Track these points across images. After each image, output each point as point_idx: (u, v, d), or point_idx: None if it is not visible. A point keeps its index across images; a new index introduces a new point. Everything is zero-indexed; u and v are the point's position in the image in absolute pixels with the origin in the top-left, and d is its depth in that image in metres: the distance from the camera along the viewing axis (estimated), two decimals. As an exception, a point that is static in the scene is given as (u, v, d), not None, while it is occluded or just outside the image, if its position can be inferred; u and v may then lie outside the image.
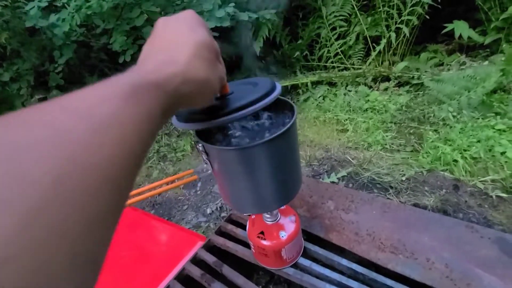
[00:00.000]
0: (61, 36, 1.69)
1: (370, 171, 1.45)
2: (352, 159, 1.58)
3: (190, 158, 1.91)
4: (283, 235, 0.65)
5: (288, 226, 0.67)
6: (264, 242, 0.65)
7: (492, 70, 1.76)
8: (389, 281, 0.61)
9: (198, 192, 1.65)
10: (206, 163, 0.53)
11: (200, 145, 0.49)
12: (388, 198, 1.28)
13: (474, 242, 0.63)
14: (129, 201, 0.46)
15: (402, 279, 0.61)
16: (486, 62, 1.99)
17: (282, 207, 0.72)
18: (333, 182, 1.45)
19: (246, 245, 0.75)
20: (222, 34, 2.09)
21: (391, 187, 1.34)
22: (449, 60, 2.25)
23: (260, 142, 0.44)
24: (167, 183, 0.50)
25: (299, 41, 2.56)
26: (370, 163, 1.51)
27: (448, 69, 2.12)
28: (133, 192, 0.47)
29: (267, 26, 2.24)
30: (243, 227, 0.82)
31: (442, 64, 2.25)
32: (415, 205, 1.21)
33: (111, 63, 2.41)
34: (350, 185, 1.43)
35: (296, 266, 0.70)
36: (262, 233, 0.66)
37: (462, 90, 1.76)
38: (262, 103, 0.41)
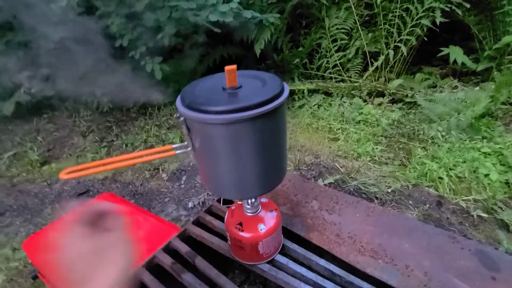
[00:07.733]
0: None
1: (357, 180, 1.44)
2: (341, 167, 1.57)
3: (177, 151, 1.87)
4: (262, 228, 0.62)
5: (268, 220, 0.64)
6: (242, 234, 0.62)
7: (482, 96, 1.81)
8: (366, 285, 0.58)
9: (182, 186, 1.60)
10: (186, 139, 0.50)
11: (182, 118, 0.47)
12: (372, 208, 1.26)
13: (455, 253, 0.62)
14: (94, 170, 0.44)
15: (380, 284, 0.59)
16: (477, 88, 2.04)
17: (264, 200, 0.69)
18: (319, 188, 1.43)
19: (224, 238, 0.72)
20: (224, 32, 2.07)
21: (376, 198, 1.33)
22: (442, 83, 2.31)
23: (248, 116, 0.42)
24: (141, 156, 0.47)
25: (300, 49, 2.58)
26: (358, 173, 1.51)
27: (441, 91, 2.17)
28: (102, 161, 0.44)
29: (270, 29, 2.25)
30: (222, 219, 0.78)
31: (435, 86, 2.30)
32: (398, 217, 1.20)
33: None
34: (336, 193, 1.42)
35: (272, 262, 0.67)
36: (240, 224, 0.63)
37: (453, 111, 1.80)
38: (269, 106, 0.43)
